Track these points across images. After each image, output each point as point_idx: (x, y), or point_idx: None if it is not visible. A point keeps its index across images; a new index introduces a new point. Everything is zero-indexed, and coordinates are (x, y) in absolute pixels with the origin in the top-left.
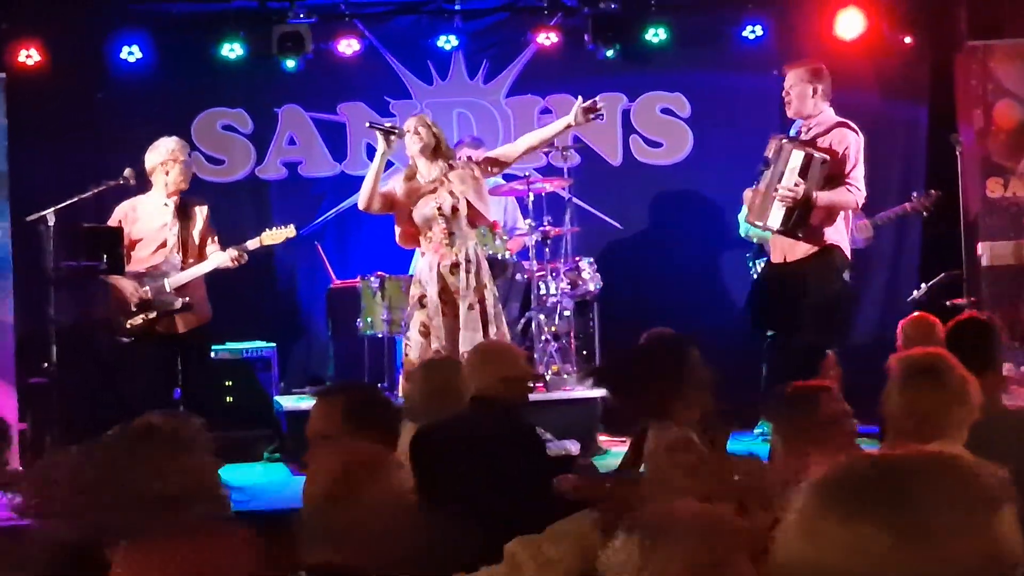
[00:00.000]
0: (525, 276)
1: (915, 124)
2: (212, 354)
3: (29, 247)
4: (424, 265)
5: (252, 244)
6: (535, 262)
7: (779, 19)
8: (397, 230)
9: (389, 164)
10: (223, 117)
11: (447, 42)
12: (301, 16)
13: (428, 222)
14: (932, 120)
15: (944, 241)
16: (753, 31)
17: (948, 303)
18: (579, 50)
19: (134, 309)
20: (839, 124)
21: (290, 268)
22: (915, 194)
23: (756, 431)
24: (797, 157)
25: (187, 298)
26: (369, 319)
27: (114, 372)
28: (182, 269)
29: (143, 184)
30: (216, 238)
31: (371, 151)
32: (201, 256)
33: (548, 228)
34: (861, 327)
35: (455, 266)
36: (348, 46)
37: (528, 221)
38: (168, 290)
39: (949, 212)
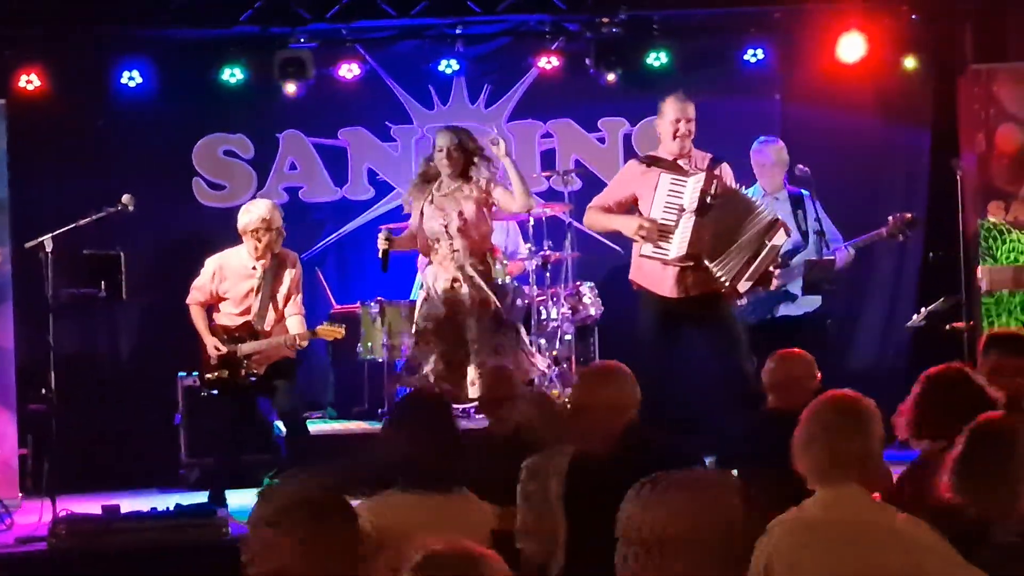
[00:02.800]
0: (525, 301)
1: (917, 148)
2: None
3: (29, 273)
4: (430, 277)
5: (307, 336)
6: (535, 287)
7: (780, 43)
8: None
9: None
10: (224, 142)
11: (448, 67)
12: (302, 41)
13: (436, 236)
14: (934, 144)
15: (943, 265)
16: (755, 55)
17: (948, 327)
18: (581, 74)
19: (213, 363)
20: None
21: None
22: (891, 218)
23: None
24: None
25: (255, 370)
26: (369, 344)
27: (115, 401)
28: (258, 335)
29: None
30: (299, 298)
31: (372, 176)
32: (282, 317)
33: (549, 253)
34: (859, 353)
35: (456, 281)
36: (349, 71)
37: (528, 246)
38: (239, 355)
39: (949, 236)
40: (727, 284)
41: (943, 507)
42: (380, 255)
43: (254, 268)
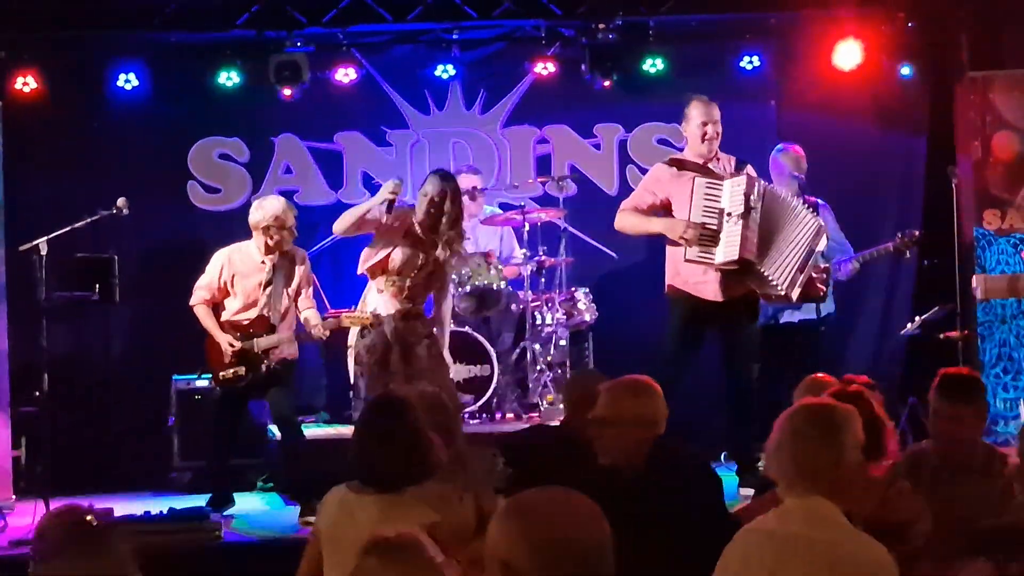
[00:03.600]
0: (520, 306)
1: (913, 155)
2: (207, 383)
3: (23, 276)
4: (380, 303)
5: (331, 324)
6: (530, 292)
7: (777, 49)
8: (370, 258)
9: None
10: (220, 146)
11: (444, 71)
12: (299, 45)
13: (405, 267)
14: (931, 151)
15: (938, 274)
16: (751, 61)
17: (942, 336)
18: (576, 80)
19: (227, 362)
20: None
21: None
22: (899, 234)
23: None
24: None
25: (273, 363)
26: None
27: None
28: (274, 329)
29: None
30: (310, 291)
31: (367, 180)
32: (287, 313)
33: (543, 258)
34: (853, 360)
35: (405, 315)
36: (345, 75)
37: (523, 251)
38: (256, 350)
39: (944, 244)
40: (782, 291)
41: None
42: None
43: (263, 263)
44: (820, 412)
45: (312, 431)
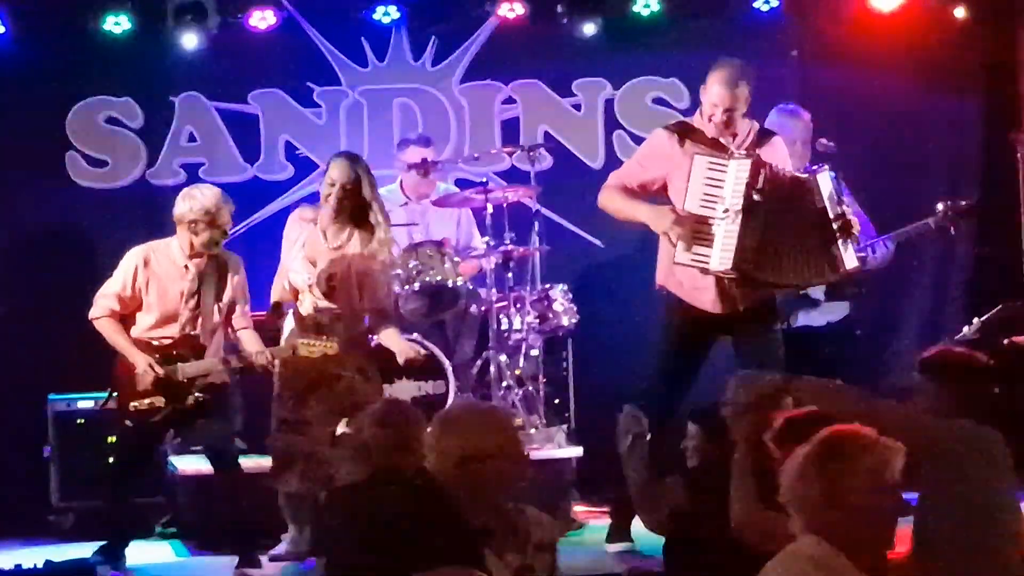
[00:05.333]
0: (482, 308)
1: (967, 119)
2: (91, 403)
3: None
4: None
5: (282, 351)
6: (494, 290)
7: None
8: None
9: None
10: (106, 108)
11: (386, 14)
12: None
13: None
14: (988, 114)
15: (1000, 264)
16: (767, 2)
17: (1006, 342)
18: (551, 25)
19: (143, 389)
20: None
21: None
22: (940, 206)
23: None
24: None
25: (201, 395)
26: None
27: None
28: (203, 352)
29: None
30: (247, 308)
31: (290, 150)
32: (222, 332)
33: (511, 248)
34: (895, 371)
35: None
36: (262, 19)
37: (486, 239)
38: (180, 378)
39: (1007, 228)
40: (830, 274)
41: None
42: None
43: (186, 268)
44: (827, 439)
45: None
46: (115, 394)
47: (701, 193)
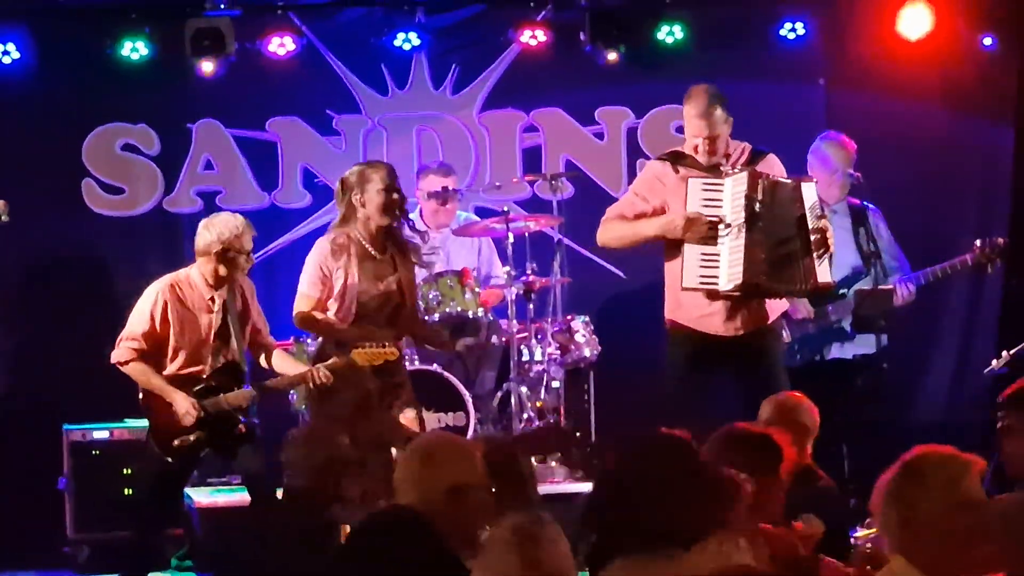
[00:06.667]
0: (503, 339)
1: (997, 148)
2: (107, 434)
3: None
4: None
5: (339, 363)
6: (515, 321)
7: (826, 14)
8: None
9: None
10: (123, 135)
11: (407, 41)
12: (222, 7)
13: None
14: (1019, 143)
15: None
16: (794, 29)
17: None
18: (574, 52)
19: (184, 427)
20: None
21: None
22: (978, 242)
23: None
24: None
25: (241, 426)
26: (304, 392)
27: None
28: (240, 380)
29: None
30: (267, 329)
31: (308, 178)
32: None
33: (532, 278)
34: (925, 404)
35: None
36: (281, 46)
37: (507, 269)
38: (225, 407)
39: None
40: (804, 288)
41: None
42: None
43: (212, 299)
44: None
45: (230, 497)
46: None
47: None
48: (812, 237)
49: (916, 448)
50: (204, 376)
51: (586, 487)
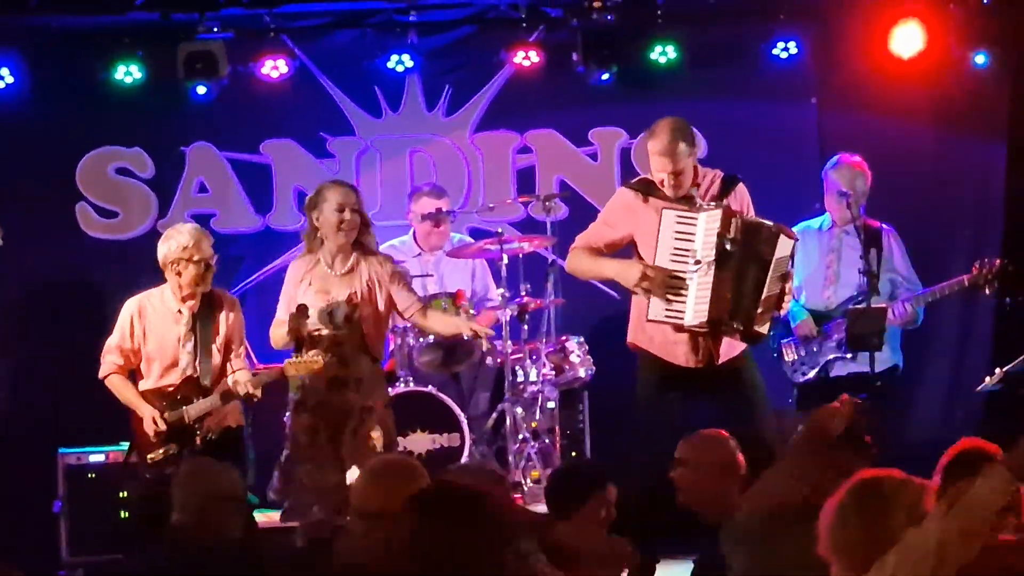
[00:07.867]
0: (497, 360)
1: (990, 166)
2: (102, 457)
3: None
4: None
5: (265, 378)
6: (509, 342)
7: (818, 34)
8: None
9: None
10: (116, 158)
11: (400, 63)
12: (214, 31)
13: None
14: (1012, 161)
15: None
16: (786, 48)
17: None
18: (566, 73)
19: (154, 441)
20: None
21: None
22: (977, 263)
23: None
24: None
25: (210, 434)
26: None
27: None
28: (206, 391)
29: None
30: (242, 350)
31: (302, 200)
32: (223, 372)
33: (527, 299)
34: (917, 423)
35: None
36: (274, 68)
37: (501, 291)
38: (187, 421)
39: None
40: (743, 331)
41: None
42: None
43: (180, 312)
44: (864, 482)
45: None
46: (131, 449)
47: (671, 247)
48: (766, 291)
49: (865, 473)
50: (171, 389)
51: None
